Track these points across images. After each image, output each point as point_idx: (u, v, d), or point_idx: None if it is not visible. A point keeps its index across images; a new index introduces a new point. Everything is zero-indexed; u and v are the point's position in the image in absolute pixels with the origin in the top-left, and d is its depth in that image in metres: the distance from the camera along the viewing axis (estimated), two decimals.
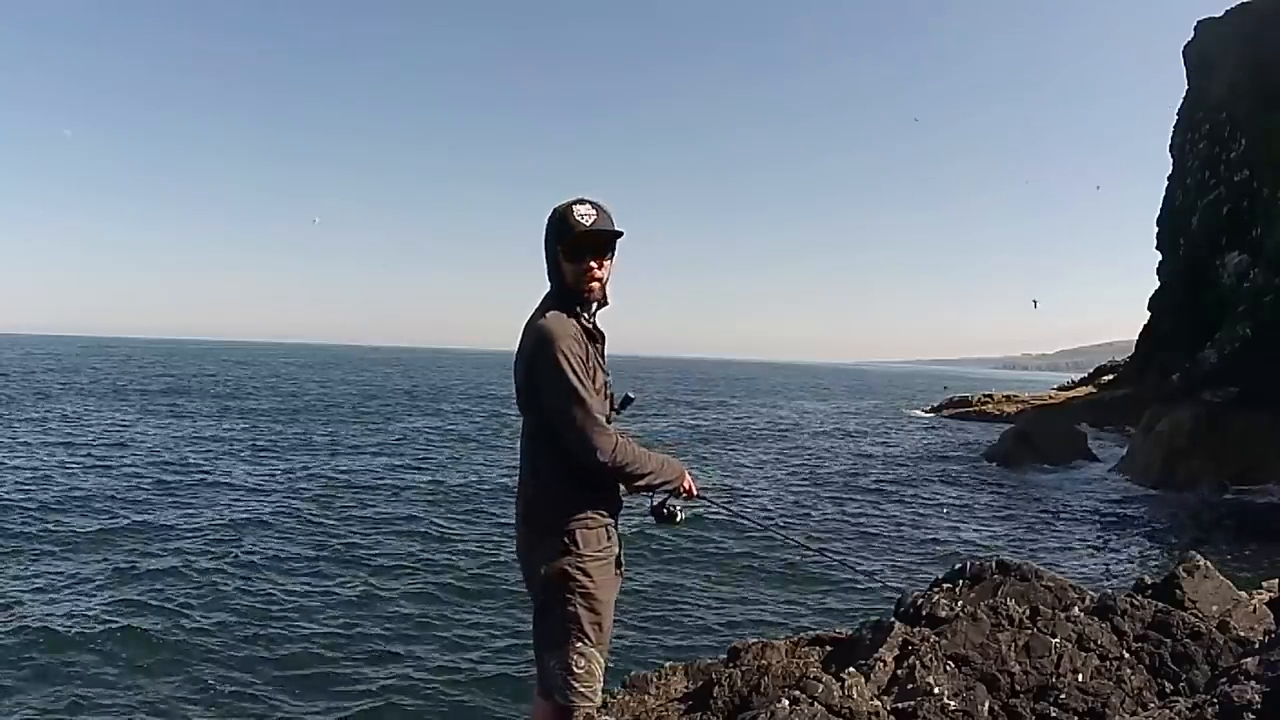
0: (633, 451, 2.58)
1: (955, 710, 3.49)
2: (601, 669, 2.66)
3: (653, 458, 2.67)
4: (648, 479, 2.65)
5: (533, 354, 2.54)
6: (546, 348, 2.49)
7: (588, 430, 2.48)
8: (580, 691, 2.59)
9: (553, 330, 2.52)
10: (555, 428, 2.53)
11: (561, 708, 2.62)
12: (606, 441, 2.50)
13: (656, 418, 35.27)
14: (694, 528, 12.78)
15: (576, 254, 2.58)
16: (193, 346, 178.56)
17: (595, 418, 2.50)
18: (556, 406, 2.50)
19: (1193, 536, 13.35)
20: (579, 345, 2.53)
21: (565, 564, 2.57)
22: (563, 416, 2.49)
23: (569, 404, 2.48)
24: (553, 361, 2.47)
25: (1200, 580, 4.29)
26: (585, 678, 2.60)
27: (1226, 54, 30.74)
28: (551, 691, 2.62)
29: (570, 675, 2.58)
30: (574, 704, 2.60)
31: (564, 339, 2.50)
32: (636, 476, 2.63)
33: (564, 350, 2.48)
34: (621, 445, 2.54)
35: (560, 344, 2.49)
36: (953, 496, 17.90)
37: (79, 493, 14.15)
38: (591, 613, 2.60)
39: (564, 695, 2.59)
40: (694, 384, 79.53)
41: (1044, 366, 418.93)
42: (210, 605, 8.77)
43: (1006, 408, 39.33)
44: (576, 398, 2.48)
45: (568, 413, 2.48)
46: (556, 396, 2.49)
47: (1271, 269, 23.36)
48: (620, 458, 2.53)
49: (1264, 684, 2.60)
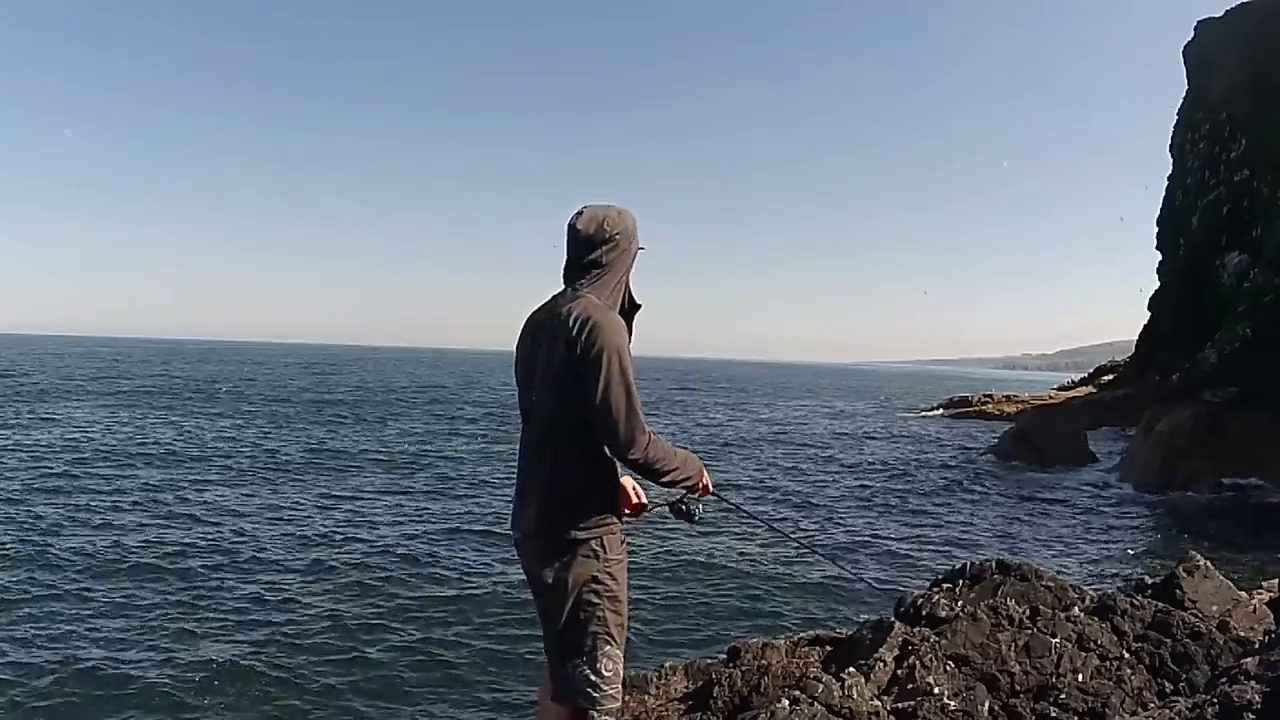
0: (662, 447, 2.58)
1: (955, 710, 3.49)
2: (623, 671, 2.69)
3: (678, 454, 2.66)
4: (673, 475, 2.64)
5: (584, 344, 2.46)
6: (605, 336, 2.46)
7: (632, 424, 2.47)
8: (608, 694, 2.60)
9: (610, 321, 2.51)
10: (593, 417, 2.48)
11: (583, 711, 2.61)
12: (643, 438, 2.50)
13: (656, 418, 35.27)
14: (694, 528, 12.78)
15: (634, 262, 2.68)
16: (193, 346, 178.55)
17: (640, 414, 2.50)
18: (609, 399, 2.45)
19: (1193, 536, 13.34)
20: (628, 342, 2.54)
21: (595, 570, 2.56)
22: (612, 408, 2.45)
23: (623, 396, 2.45)
24: (614, 350, 2.45)
25: (1200, 580, 4.29)
26: (613, 680, 2.61)
27: (1226, 54, 30.74)
28: (575, 696, 2.60)
29: (600, 679, 2.58)
30: (602, 706, 2.60)
31: (620, 331, 2.51)
32: (664, 473, 2.61)
33: (620, 342, 2.48)
34: (654, 441, 2.54)
35: (619, 336, 2.49)
36: (953, 496, 17.89)
37: (78, 493, 14.16)
38: (617, 615, 2.61)
39: (591, 700, 2.59)
40: (693, 384, 79.52)
41: (1044, 366, 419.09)
42: (203, 604, 8.77)
43: (1006, 408, 39.28)
44: (630, 391, 2.46)
45: (619, 405, 2.45)
46: (610, 386, 2.44)
47: (1271, 269, 23.37)
48: (652, 453, 2.53)
49: (1264, 684, 2.60)
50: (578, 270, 2.63)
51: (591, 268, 2.60)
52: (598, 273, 2.60)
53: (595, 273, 2.60)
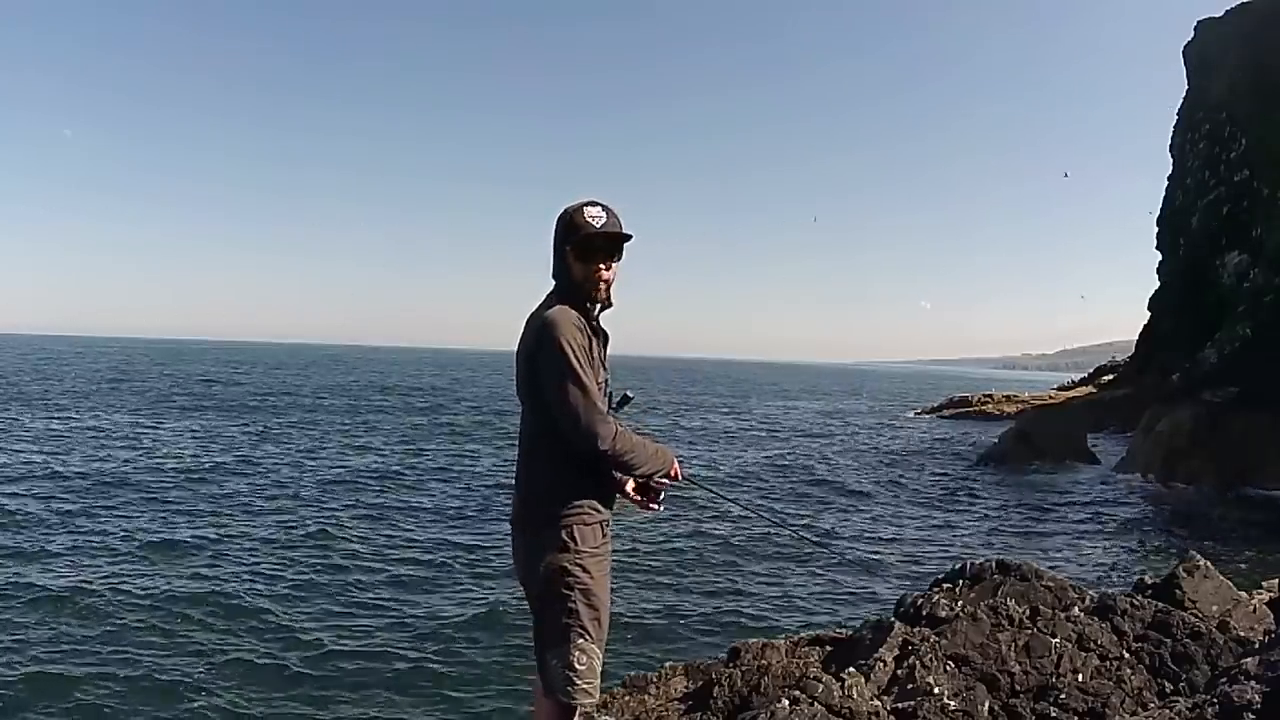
0: (631, 440, 2.61)
1: (955, 710, 3.49)
2: (601, 665, 2.68)
3: (648, 446, 2.70)
4: (645, 467, 2.68)
5: (535, 342, 2.56)
6: (549, 335, 2.52)
7: (589, 417, 2.50)
8: (582, 688, 2.61)
9: (556, 319, 2.55)
10: (555, 415, 2.54)
11: (564, 705, 2.64)
12: (607, 429, 2.52)
13: (656, 418, 35.26)
14: (694, 528, 12.79)
15: (587, 254, 2.62)
16: (194, 346, 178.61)
17: (596, 404, 2.52)
18: (558, 393, 2.50)
19: (1193, 536, 13.35)
20: (581, 335, 2.55)
21: (564, 561, 2.59)
22: (564, 403, 2.50)
23: (570, 389, 2.49)
24: (555, 347, 2.50)
25: (1200, 580, 4.29)
26: (587, 674, 2.62)
27: (1226, 54, 30.77)
28: (554, 689, 2.63)
29: (572, 672, 2.60)
30: (576, 700, 2.62)
31: (567, 326, 2.53)
32: (634, 465, 2.65)
33: (567, 337, 2.51)
34: (621, 434, 2.57)
35: (563, 331, 2.52)
36: (953, 497, 17.89)
37: (76, 492, 14.16)
38: (591, 609, 2.62)
39: (566, 693, 2.61)
40: (693, 384, 79.53)
41: (1044, 366, 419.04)
42: (199, 605, 8.77)
43: (1006, 408, 39.31)
44: (578, 383, 2.49)
45: (569, 399, 2.49)
46: (558, 382, 2.50)
47: (1271, 269, 23.37)
48: (620, 445, 2.55)
49: (1264, 684, 2.60)
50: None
51: (554, 271, 2.71)
52: (556, 273, 2.70)
53: (556, 274, 2.70)
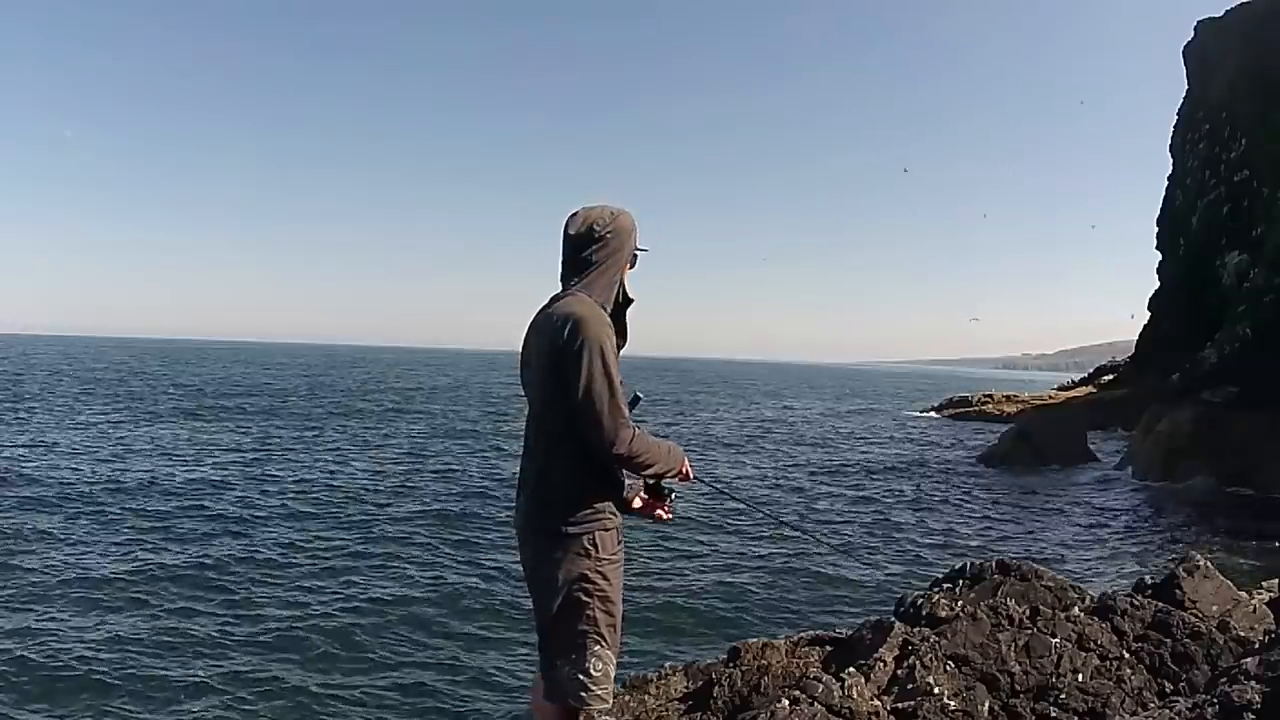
0: (646, 441, 2.58)
1: (955, 710, 3.49)
2: (615, 671, 2.67)
3: (661, 445, 2.67)
4: (657, 467, 2.65)
5: (565, 339, 2.49)
6: (585, 332, 2.47)
7: (615, 420, 2.47)
8: (597, 694, 2.59)
9: (592, 316, 2.51)
10: (580, 413, 2.48)
11: (573, 710, 2.61)
12: (627, 433, 2.50)
13: (656, 418, 35.26)
14: (694, 528, 12.79)
15: (633, 262, 2.71)
16: (195, 346, 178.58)
17: (621, 407, 2.50)
18: (590, 393, 2.45)
19: (1193, 536, 13.35)
20: (612, 335, 2.54)
21: (585, 568, 2.55)
22: (594, 404, 2.45)
23: (604, 391, 2.45)
24: (594, 346, 2.46)
25: (1200, 580, 4.29)
26: (602, 680, 2.60)
27: (1226, 54, 30.77)
28: (565, 695, 2.60)
29: (588, 678, 2.58)
30: (590, 706, 2.60)
31: (603, 326, 2.51)
32: (648, 466, 2.62)
33: (602, 336, 2.48)
34: (638, 435, 2.55)
35: (601, 330, 2.49)
36: (953, 497, 17.89)
37: (75, 493, 14.16)
38: (608, 615, 2.60)
39: (580, 699, 2.59)
40: (693, 384, 79.52)
41: (1044, 366, 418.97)
42: (198, 605, 8.78)
43: (1006, 408, 39.32)
44: (612, 386, 2.47)
45: (600, 400, 2.45)
46: (591, 382, 2.45)
47: (1271, 269, 23.36)
48: (636, 446, 2.53)
49: (1264, 684, 2.60)
50: (571, 270, 2.67)
51: (583, 266, 2.63)
52: (588, 271, 2.63)
53: (586, 271, 2.63)
